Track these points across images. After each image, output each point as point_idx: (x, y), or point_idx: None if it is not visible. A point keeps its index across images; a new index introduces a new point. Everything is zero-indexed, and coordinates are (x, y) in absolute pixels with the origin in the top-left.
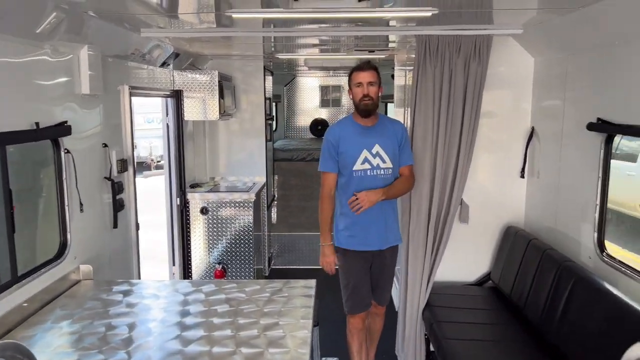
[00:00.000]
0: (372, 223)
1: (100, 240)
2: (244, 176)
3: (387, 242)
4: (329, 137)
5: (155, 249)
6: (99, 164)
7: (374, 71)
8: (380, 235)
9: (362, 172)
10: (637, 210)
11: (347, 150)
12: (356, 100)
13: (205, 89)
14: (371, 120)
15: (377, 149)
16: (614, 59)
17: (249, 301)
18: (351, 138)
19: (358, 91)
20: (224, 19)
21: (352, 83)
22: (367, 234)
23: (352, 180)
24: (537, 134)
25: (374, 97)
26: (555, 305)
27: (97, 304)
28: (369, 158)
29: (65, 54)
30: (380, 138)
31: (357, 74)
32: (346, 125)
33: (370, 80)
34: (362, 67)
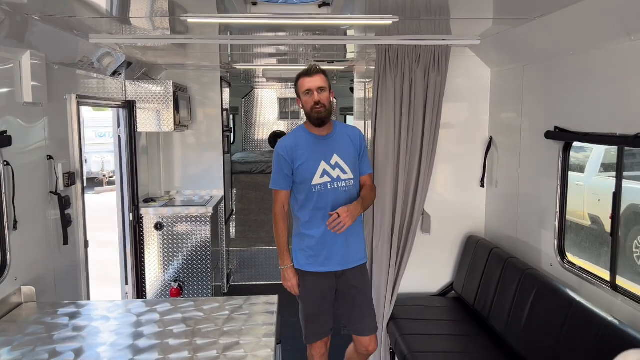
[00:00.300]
0: (337, 241)
1: (44, 259)
2: (200, 190)
3: (349, 262)
4: (281, 151)
5: (109, 269)
6: (43, 177)
7: (323, 75)
8: (342, 254)
9: (322, 186)
10: (586, 219)
11: (304, 164)
12: (307, 109)
13: (160, 99)
14: (326, 129)
15: (336, 159)
16: (569, 69)
17: (208, 320)
18: (306, 150)
19: (308, 99)
20: (178, 26)
21: (300, 91)
22: (329, 253)
23: (311, 196)
24: (495, 144)
25: (326, 103)
26: (519, 314)
27: (40, 328)
28: (328, 170)
29: (5, 60)
30: (338, 147)
31: (304, 80)
32: (299, 136)
33: (320, 86)
34: (309, 72)
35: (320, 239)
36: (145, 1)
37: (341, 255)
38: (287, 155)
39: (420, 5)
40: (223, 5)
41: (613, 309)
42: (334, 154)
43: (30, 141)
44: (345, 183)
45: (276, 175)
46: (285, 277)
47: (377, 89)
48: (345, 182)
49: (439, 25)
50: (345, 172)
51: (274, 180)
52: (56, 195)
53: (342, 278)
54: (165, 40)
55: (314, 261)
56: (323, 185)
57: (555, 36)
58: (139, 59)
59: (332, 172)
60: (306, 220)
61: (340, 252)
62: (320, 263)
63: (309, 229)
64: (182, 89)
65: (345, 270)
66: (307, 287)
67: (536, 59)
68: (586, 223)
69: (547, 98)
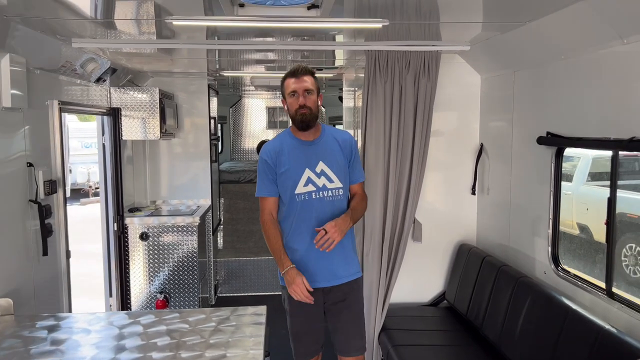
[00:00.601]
0: (323, 255)
1: (23, 270)
2: (187, 199)
3: (338, 277)
4: (265, 156)
5: (94, 282)
6: (22, 185)
7: (311, 76)
8: (330, 269)
9: (306, 196)
10: (575, 228)
11: (287, 171)
12: (292, 112)
13: (145, 107)
14: (312, 134)
15: (322, 166)
16: (561, 74)
17: (193, 332)
18: (290, 156)
19: (293, 102)
20: (164, 30)
21: (286, 92)
22: (315, 269)
23: (293, 206)
24: (486, 151)
25: (312, 107)
26: (514, 323)
27: (17, 342)
28: (312, 178)
29: None
30: (325, 154)
31: (289, 81)
32: (283, 141)
33: (307, 88)
34: (296, 72)
35: (304, 254)
36: (130, 5)
37: (329, 271)
38: (271, 160)
39: (410, 9)
40: (211, 9)
41: (609, 317)
42: (319, 160)
43: (9, 147)
44: (332, 193)
45: (261, 182)
46: (290, 281)
47: (367, 95)
48: (331, 192)
49: (428, 31)
50: (331, 181)
51: (259, 187)
52: (36, 203)
53: (330, 295)
54: (150, 45)
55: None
56: (307, 194)
57: (546, 41)
58: (124, 66)
59: (317, 180)
60: (289, 232)
61: (328, 268)
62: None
63: (292, 241)
64: (168, 96)
65: (333, 286)
66: (293, 304)
67: (527, 65)
68: (575, 232)
69: (538, 104)
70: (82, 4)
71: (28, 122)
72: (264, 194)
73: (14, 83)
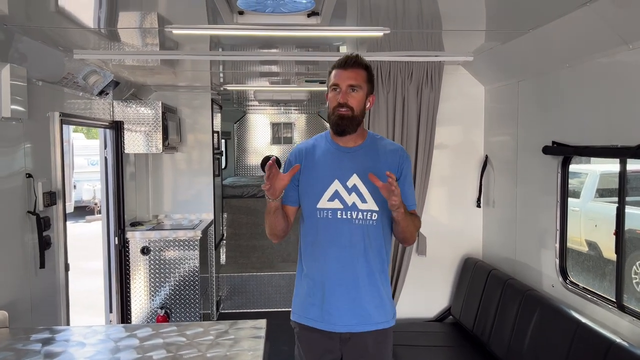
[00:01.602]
0: (344, 288)
1: (19, 282)
2: (190, 213)
3: (361, 323)
4: (292, 156)
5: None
6: (21, 196)
7: (362, 70)
8: (351, 308)
9: (329, 213)
10: (583, 245)
11: (312, 177)
12: (329, 110)
13: (148, 121)
14: (353, 140)
15: (355, 181)
16: (566, 82)
17: (190, 345)
18: (320, 161)
19: (332, 97)
20: (167, 42)
21: (329, 84)
22: (331, 305)
23: (313, 224)
24: (491, 163)
25: (355, 107)
26: (521, 338)
27: (10, 355)
28: (340, 193)
29: None
30: (363, 166)
31: (336, 73)
32: (318, 142)
33: (352, 83)
34: (344, 63)
35: (322, 286)
36: (133, 15)
37: (350, 311)
38: (298, 161)
39: (412, 18)
40: (214, 20)
41: (620, 330)
42: (353, 172)
43: (8, 158)
44: (363, 215)
45: None
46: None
47: None
48: (363, 215)
49: (431, 41)
50: (364, 200)
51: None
52: (34, 215)
53: (349, 345)
54: (152, 56)
55: (311, 311)
56: (331, 212)
57: (550, 49)
58: (127, 79)
59: (346, 196)
60: (305, 253)
61: (348, 306)
62: (319, 316)
63: (308, 267)
64: (171, 110)
65: (355, 334)
66: (302, 345)
67: (531, 74)
68: (583, 249)
69: (543, 113)
70: (84, 14)
71: (28, 133)
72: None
73: (14, 93)
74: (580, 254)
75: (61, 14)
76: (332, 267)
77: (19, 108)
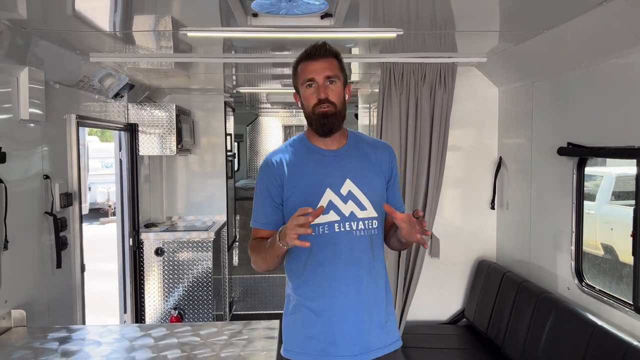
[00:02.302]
0: (351, 316)
1: (37, 282)
2: (203, 215)
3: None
4: (265, 172)
5: (112, 300)
6: (38, 197)
7: (334, 59)
8: (358, 336)
9: (326, 228)
10: (599, 249)
11: (298, 192)
12: (307, 110)
13: (162, 123)
14: (336, 141)
15: (349, 186)
16: (581, 82)
17: (204, 345)
18: (304, 171)
19: (309, 94)
20: (181, 45)
21: (299, 80)
22: (337, 335)
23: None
24: (505, 164)
25: (336, 101)
26: (536, 341)
27: (28, 353)
28: (335, 203)
29: (3, 75)
30: (354, 169)
31: (305, 66)
32: (295, 150)
33: (329, 75)
34: (313, 53)
35: (322, 313)
36: (147, 19)
37: (358, 339)
38: (275, 176)
39: (425, 20)
40: (227, 23)
41: (638, 333)
42: (346, 178)
43: (25, 159)
44: (364, 225)
45: (259, 207)
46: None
47: (382, 108)
48: (364, 224)
49: (444, 42)
50: (363, 208)
51: (256, 214)
52: (52, 216)
53: None
54: (166, 59)
55: (310, 346)
56: (328, 226)
57: (566, 49)
58: (141, 82)
59: (342, 206)
60: (299, 280)
61: (355, 334)
62: (322, 350)
63: (304, 294)
64: (185, 112)
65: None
66: None
67: (546, 75)
68: (599, 252)
69: (558, 114)
70: (100, 18)
71: (46, 135)
72: (259, 225)
73: (32, 96)
74: (595, 258)
75: (78, 17)
76: (334, 291)
77: (36, 111)
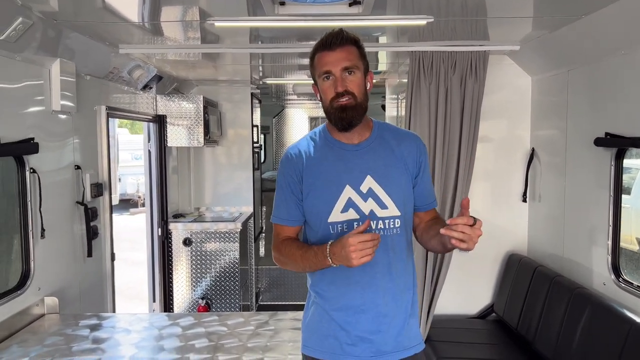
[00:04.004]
0: (364, 308)
1: (69, 270)
2: (230, 206)
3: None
4: (285, 166)
5: (141, 289)
6: (70, 187)
7: (352, 46)
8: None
9: (345, 226)
10: (634, 244)
11: (317, 188)
12: (326, 103)
13: (190, 114)
14: (357, 134)
15: (370, 183)
16: (620, 69)
17: (231, 335)
18: (323, 166)
19: (327, 87)
20: (209, 36)
21: (317, 72)
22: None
23: (325, 240)
24: (537, 156)
25: (356, 92)
26: (570, 337)
27: (60, 339)
28: (355, 201)
29: (36, 67)
30: (376, 164)
31: (321, 57)
32: (315, 143)
33: (346, 65)
34: (329, 42)
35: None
36: (175, 9)
37: (375, 340)
38: (295, 171)
39: (456, 5)
40: (254, 12)
41: None
42: (367, 174)
43: (58, 150)
44: (385, 224)
45: (280, 202)
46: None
47: (411, 98)
48: (383, 223)
49: (475, 30)
50: (384, 206)
51: (276, 209)
52: (82, 205)
53: None
54: (194, 50)
55: (327, 344)
56: (347, 225)
57: (604, 35)
58: (169, 74)
59: (362, 204)
60: (318, 277)
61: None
62: (338, 349)
63: (321, 292)
64: (212, 104)
65: None
66: None
67: (582, 62)
68: (634, 247)
69: (595, 103)
70: (129, 10)
71: (77, 126)
72: (280, 221)
73: (64, 87)
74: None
75: (107, 9)
76: (351, 291)
77: (68, 103)
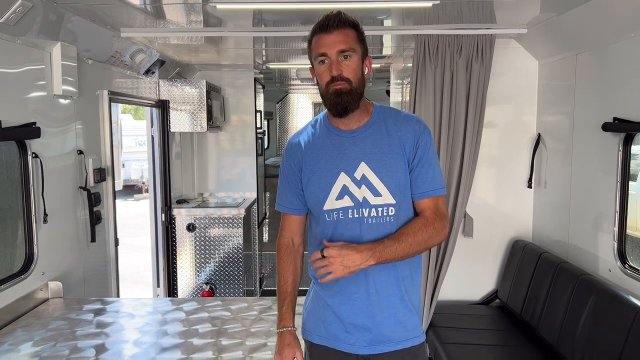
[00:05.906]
0: (364, 306)
1: (73, 255)
2: (233, 192)
3: (382, 341)
4: (287, 155)
5: (144, 273)
6: (73, 172)
7: (350, 29)
8: (371, 322)
9: (341, 214)
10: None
11: (313, 175)
12: (322, 87)
13: (193, 99)
14: (356, 120)
15: (364, 170)
16: (630, 53)
17: (235, 320)
18: (321, 154)
19: (322, 70)
20: (211, 19)
21: (313, 54)
22: (349, 325)
23: (323, 229)
24: (543, 141)
25: (351, 77)
26: (574, 323)
27: (64, 324)
28: (349, 188)
29: (37, 50)
30: (371, 150)
31: (318, 39)
32: (315, 131)
33: (342, 48)
34: (326, 24)
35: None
36: None
37: (368, 329)
38: (294, 160)
39: None
40: None
41: None
42: (361, 161)
43: (60, 135)
44: (377, 212)
45: (282, 188)
46: (278, 349)
47: (416, 82)
48: (376, 211)
49: (482, 12)
50: (377, 194)
51: (280, 197)
52: (86, 190)
53: None
54: (196, 33)
55: (322, 329)
56: (342, 212)
57: (614, 18)
58: (172, 58)
59: (356, 191)
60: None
61: (366, 324)
62: (333, 335)
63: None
64: (215, 89)
65: (375, 355)
66: None
67: (591, 46)
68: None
69: (603, 88)
70: None
71: (79, 110)
72: (283, 209)
73: (65, 71)
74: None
75: None
76: (345, 278)
77: (69, 87)
